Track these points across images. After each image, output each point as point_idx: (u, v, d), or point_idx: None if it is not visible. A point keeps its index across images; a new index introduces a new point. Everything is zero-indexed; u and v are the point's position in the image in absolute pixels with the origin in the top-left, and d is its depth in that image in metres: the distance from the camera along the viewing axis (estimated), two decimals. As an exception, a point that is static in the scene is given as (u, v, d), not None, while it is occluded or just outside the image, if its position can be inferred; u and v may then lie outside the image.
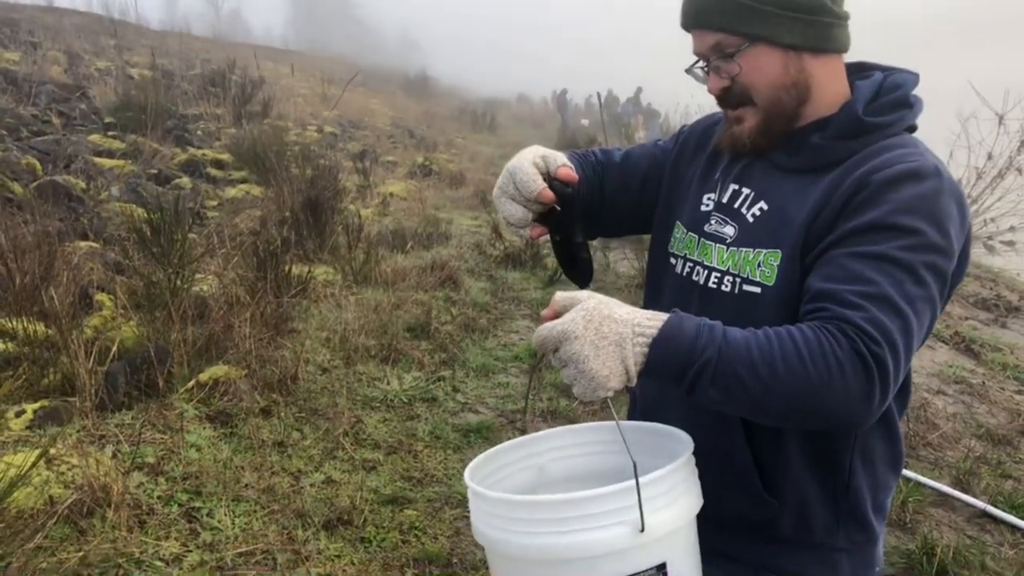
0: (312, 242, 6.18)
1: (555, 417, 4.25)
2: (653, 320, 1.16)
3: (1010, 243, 9.38)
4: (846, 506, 1.38)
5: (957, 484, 3.94)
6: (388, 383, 4.40)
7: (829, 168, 1.31)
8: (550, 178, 1.34)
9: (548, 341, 1.16)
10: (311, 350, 4.52)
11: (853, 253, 1.20)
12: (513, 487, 1.39)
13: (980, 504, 3.72)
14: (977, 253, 9.25)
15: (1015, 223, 9.28)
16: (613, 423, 1.37)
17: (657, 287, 1.58)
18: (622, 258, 7.61)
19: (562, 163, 1.36)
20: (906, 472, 3.82)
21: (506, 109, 33.66)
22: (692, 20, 1.37)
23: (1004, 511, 3.69)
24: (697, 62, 1.40)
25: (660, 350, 1.14)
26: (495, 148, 18.23)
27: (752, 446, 1.37)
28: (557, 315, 1.18)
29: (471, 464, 1.31)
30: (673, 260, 1.52)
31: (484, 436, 4.02)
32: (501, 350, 5.22)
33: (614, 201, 1.62)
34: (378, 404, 4.18)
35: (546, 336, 1.16)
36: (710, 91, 1.39)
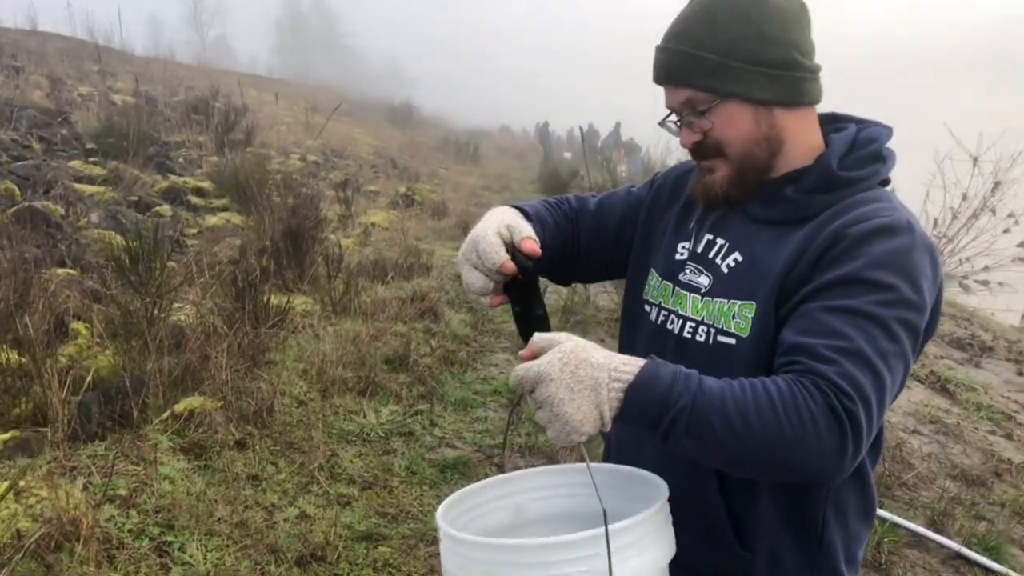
0: (292, 272, 6.16)
1: (533, 453, 4.24)
2: (630, 365, 1.17)
3: (984, 283, 9.50)
4: (819, 559, 1.38)
5: (932, 525, 3.96)
6: (365, 416, 4.38)
7: (804, 221, 1.32)
8: (513, 249, 1.34)
9: (525, 382, 1.16)
10: (288, 382, 4.50)
11: (827, 307, 1.21)
12: (487, 526, 1.38)
13: (954, 546, 3.73)
14: (952, 292, 9.37)
15: (989, 263, 9.41)
16: (600, 465, 1.39)
17: (632, 334, 1.59)
18: (602, 291, 7.63)
19: (526, 235, 1.35)
20: (881, 512, 3.83)
21: (489, 140, 33.83)
22: (664, 76, 1.39)
23: (978, 553, 3.70)
24: (669, 115, 1.41)
25: (635, 396, 1.15)
26: (478, 179, 18.31)
27: (726, 497, 1.37)
28: (535, 356, 1.19)
29: (444, 503, 1.30)
30: (648, 307, 1.53)
31: (461, 472, 3.99)
32: (480, 384, 5.21)
33: (589, 249, 1.63)
34: (354, 438, 4.15)
35: (523, 376, 1.16)
36: (683, 145, 1.41)
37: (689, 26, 1.34)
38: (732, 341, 1.34)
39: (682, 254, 1.48)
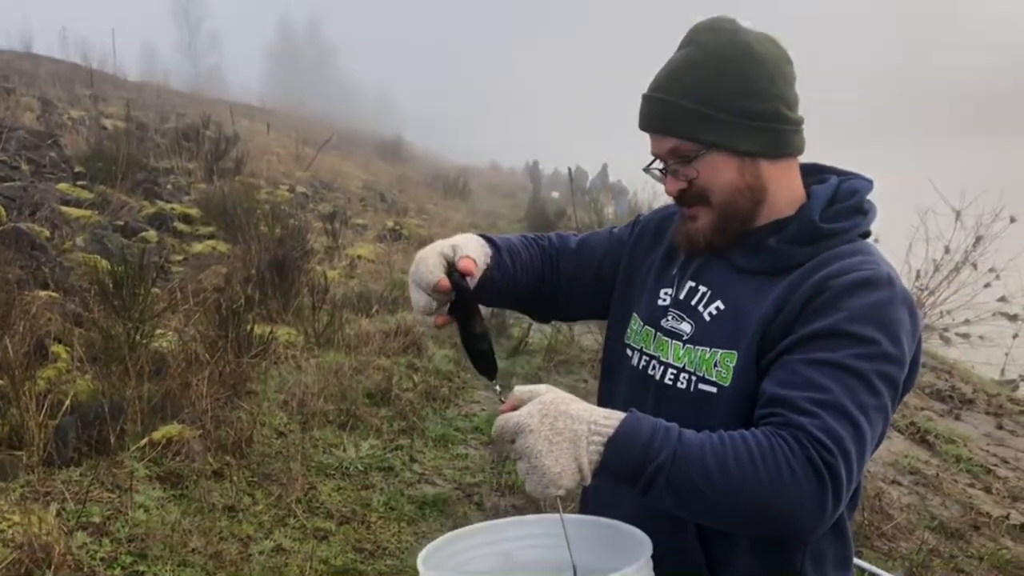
0: (276, 302, 6.15)
1: (513, 492, 4.21)
2: (610, 419, 1.17)
3: (965, 335, 9.58)
4: None
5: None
6: (344, 450, 4.35)
7: (786, 271, 1.33)
8: (451, 268, 1.36)
9: (505, 432, 1.17)
10: (268, 412, 4.47)
11: (808, 360, 1.22)
12: (473, 573, 1.36)
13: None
14: (933, 344, 9.44)
15: (970, 316, 9.50)
16: (584, 518, 1.38)
17: (613, 378, 1.59)
18: (586, 331, 7.64)
19: (465, 254, 1.37)
20: (859, 562, 3.81)
21: (478, 177, 34.02)
22: (649, 124, 1.40)
23: (956, 606, 3.69)
24: (654, 162, 1.43)
25: (615, 450, 1.15)
26: (466, 215, 18.36)
27: (705, 547, 1.36)
28: (515, 407, 1.19)
29: (425, 549, 1.28)
30: (630, 352, 1.53)
31: (440, 509, 3.96)
32: (462, 420, 5.19)
33: (569, 289, 1.64)
34: (333, 471, 4.12)
35: (503, 427, 1.17)
36: (668, 192, 1.42)
37: (676, 75, 1.35)
38: (713, 390, 1.34)
39: (664, 300, 1.48)
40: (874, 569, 3.87)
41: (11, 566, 2.73)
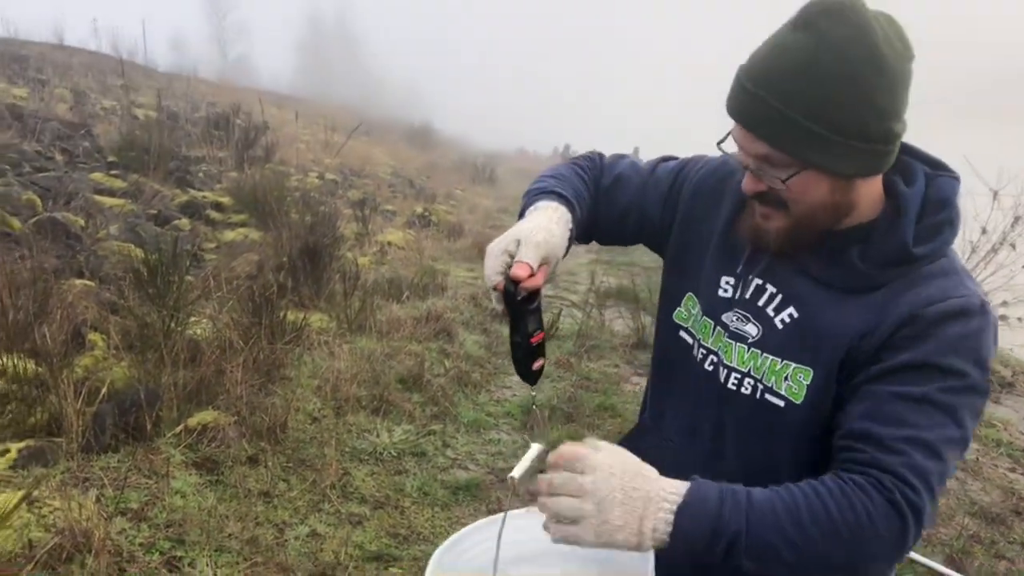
0: (308, 288, 6.17)
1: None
2: (676, 487, 1.14)
3: (1003, 318, 9.40)
4: None
5: (951, 563, 3.88)
6: (378, 435, 4.36)
7: (867, 291, 1.25)
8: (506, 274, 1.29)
9: (577, 459, 1.14)
10: (302, 398, 4.49)
11: (896, 393, 1.17)
12: (482, 565, 1.37)
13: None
14: (971, 327, 9.27)
15: (1008, 298, 9.33)
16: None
17: (667, 365, 1.53)
18: (617, 317, 7.61)
19: (521, 258, 1.28)
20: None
21: (506, 162, 33.95)
22: (744, 121, 1.22)
23: (997, 592, 3.63)
24: (727, 138, 1.28)
25: (686, 519, 1.12)
26: (494, 201, 18.34)
27: None
28: (563, 463, 1.16)
29: (436, 552, 1.30)
30: (687, 338, 1.47)
31: (473, 494, 3.96)
32: (493, 405, 5.18)
33: (606, 223, 1.59)
34: (367, 457, 4.13)
35: (577, 454, 1.14)
36: (744, 189, 1.30)
37: (785, 75, 1.15)
38: (780, 403, 1.29)
39: (726, 291, 1.40)
40: (915, 555, 3.82)
41: (53, 551, 2.76)
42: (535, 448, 1.35)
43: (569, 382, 5.79)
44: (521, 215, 1.44)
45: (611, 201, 1.57)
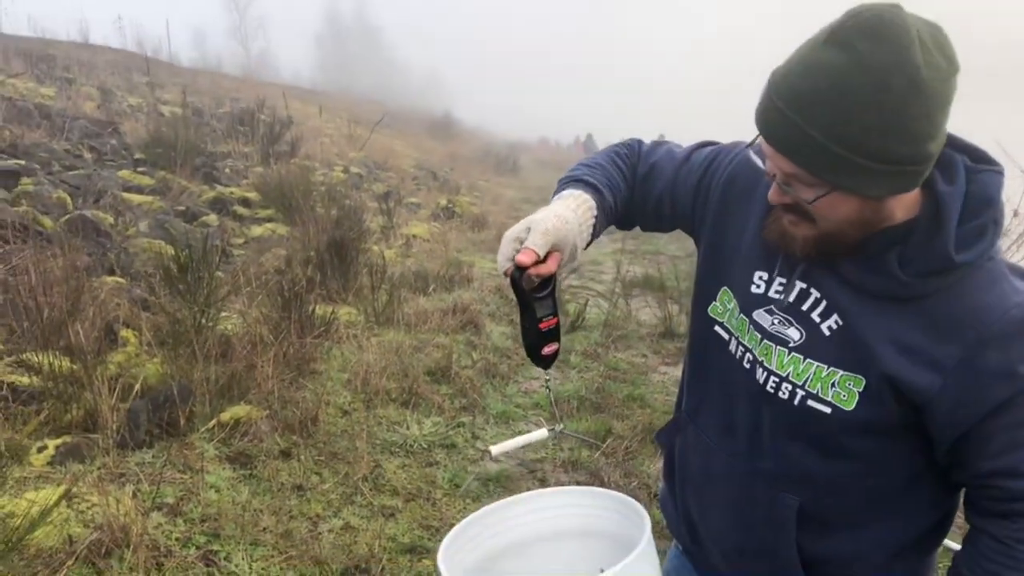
0: (336, 282, 6.20)
1: (576, 468, 4.20)
2: None
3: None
4: None
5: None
6: (408, 428, 4.38)
7: (910, 300, 1.21)
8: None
9: None
10: (332, 392, 4.52)
11: (1004, 425, 1.18)
12: (483, 553, 1.41)
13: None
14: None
15: (1042, 281, 9.20)
16: (574, 488, 1.50)
17: (703, 360, 1.51)
18: (644, 306, 7.58)
19: (528, 245, 1.28)
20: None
21: (529, 152, 33.91)
22: (773, 139, 1.17)
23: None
24: (756, 140, 1.24)
25: None
26: (518, 191, 18.34)
27: (801, 547, 1.36)
28: None
29: (442, 544, 1.35)
30: (723, 333, 1.44)
31: (503, 485, 3.98)
32: (521, 397, 5.19)
33: (641, 211, 1.59)
34: (397, 449, 4.15)
35: None
36: (770, 199, 1.27)
37: (816, 98, 1.09)
38: (827, 410, 1.26)
39: (758, 286, 1.37)
40: (952, 545, 3.78)
41: (93, 546, 2.80)
42: (539, 433, 1.39)
43: (597, 373, 5.78)
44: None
45: (646, 190, 1.55)
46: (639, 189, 1.56)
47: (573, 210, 1.37)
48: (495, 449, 1.40)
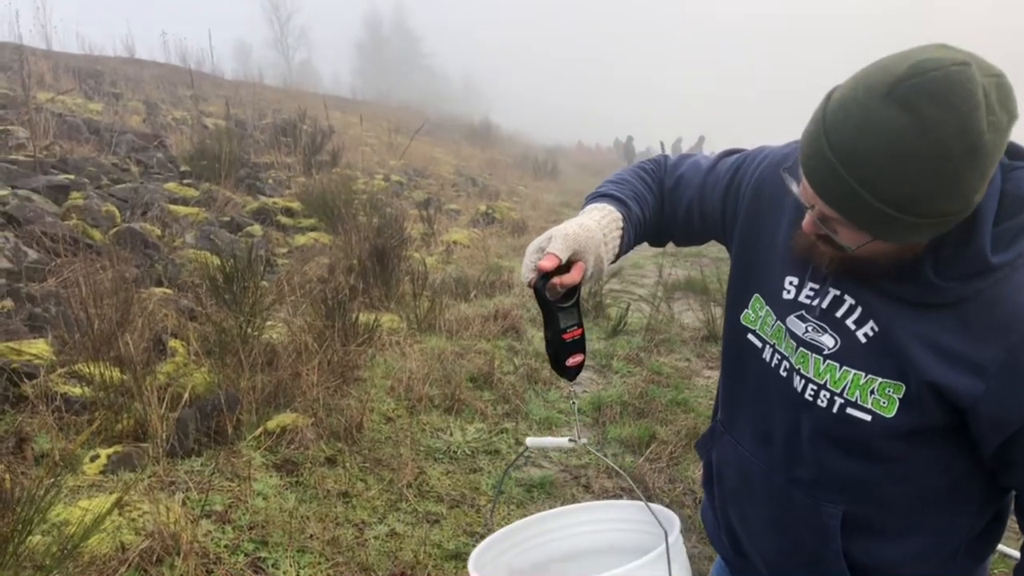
0: (378, 290, 6.25)
1: (619, 474, 4.17)
2: None
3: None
4: None
5: None
6: (451, 434, 4.39)
7: (947, 306, 1.19)
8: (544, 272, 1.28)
9: None
10: (376, 399, 4.55)
11: None
12: (521, 565, 1.41)
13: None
14: None
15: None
16: (606, 502, 1.50)
17: (738, 369, 1.49)
18: (686, 309, 7.53)
19: (549, 250, 1.27)
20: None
21: (567, 156, 33.87)
22: (821, 190, 1.13)
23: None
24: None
25: None
26: (556, 195, 18.33)
27: (848, 555, 1.34)
28: None
29: (472, 555, 1.34)
30: (757, 342, 1.42)
31: (547, 492, 3.97)
32: (563, 403, 5.18)
33: (671, 225, 1.59)
34: (441, 455, 4.17)
35: None
36: (804, 228, 1.24)
37: (872, 159, 1.05)
38: (866, 417, 1.24)
39: (788, 291, 1.36)
40: (1007, 550, 3.70)
41: (144, 553, 2.85)
42: (563, 440, 1.39)
43: (640, 377, 5.75)
44: None
45: (675, 202, 1.55)
46: (668, 201, 1.56)
47: (597, 221, 1.37)
48: (530, 441, 1.41)
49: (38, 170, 7.03)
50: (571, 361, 1.35)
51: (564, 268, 1.28)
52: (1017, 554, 3.53)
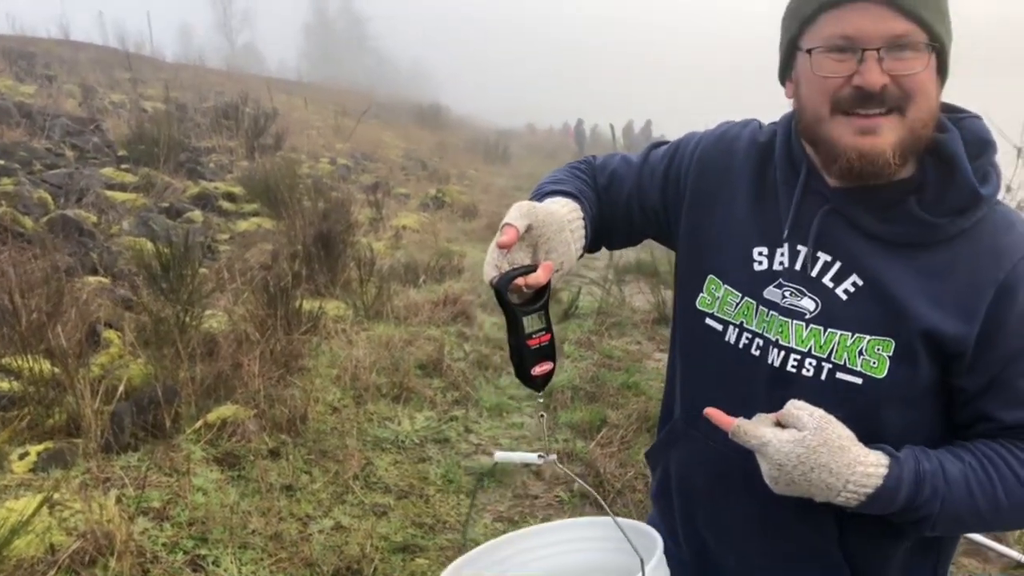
0: (323, 276, 6.12)
1: (570, 459, 4.14)
2: (873, 475, 1.14)
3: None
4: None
5: (992, 534, 3.80)
6: (399, 423, 4.31)
7: (935, 245, 1.18)
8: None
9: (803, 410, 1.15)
10: (321, 389, 4.44)
11: None
12: None
13: (1015, 554, 3.58)
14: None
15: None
16: (585, 519, 1.40)
17: (698, 358, 1.40)
18: (637, 292, 7.53)
19: (503, 223, 1.17)
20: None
21: (518, 139, 33.77)
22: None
23: (1039, 562, 3.54)
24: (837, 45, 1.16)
25: (877, 507, 1.15)
26: (508, 179, 18.25)
27: (844, 549, 1.29)
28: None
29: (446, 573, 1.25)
30: (715, 325, 1.34)
31: (498, 480, 3.91)
32: (515, 388, 5.11)
33: (610, 224, 1.50)
34: (389, 445, 4.08)
35: (781, 445, 1.14)
36: (868, 81, 1.13)
37: None
38: (858, 380, 1.19)
39: (760, 263, 1.29)
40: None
41: (75, 554, 2.73)
42: (532, 456, 1.30)
43: (591, 361, 5.72)
44: None
45: (612, 198, 1.48)
46: (605, 199, 1.48)
47: (561, 205, 1.28)
48: (498, 455, 1.32)
49: (-35, 155, 6.74)
50: (537, 370, 1.20)
51: (531, 268, 1.17)
52: (1018, 554, 3.57)
